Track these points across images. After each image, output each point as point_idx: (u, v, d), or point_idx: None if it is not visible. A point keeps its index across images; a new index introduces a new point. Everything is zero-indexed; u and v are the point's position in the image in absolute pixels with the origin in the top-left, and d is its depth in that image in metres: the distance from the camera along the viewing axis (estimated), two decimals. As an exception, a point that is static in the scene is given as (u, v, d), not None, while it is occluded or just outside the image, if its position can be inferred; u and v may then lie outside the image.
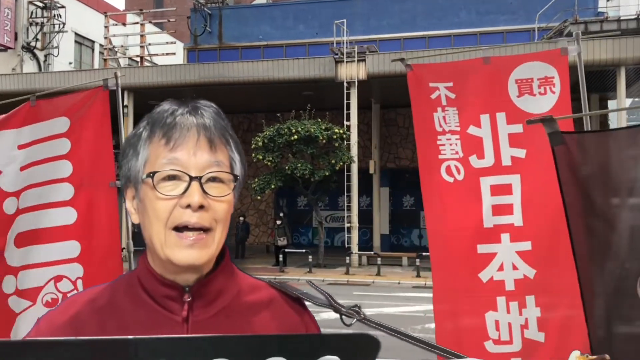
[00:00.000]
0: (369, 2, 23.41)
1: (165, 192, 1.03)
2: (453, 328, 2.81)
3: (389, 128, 22.15)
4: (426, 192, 2.92)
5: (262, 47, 23.45)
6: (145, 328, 1.04)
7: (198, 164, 1.03)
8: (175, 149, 1.03)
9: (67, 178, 3.24)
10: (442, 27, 22.34)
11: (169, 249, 1.03)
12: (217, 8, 23.64)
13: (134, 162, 1.08)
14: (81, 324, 1.05)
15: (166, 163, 1.03)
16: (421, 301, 12.21)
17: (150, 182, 1.04)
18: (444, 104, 2.87)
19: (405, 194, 23.98)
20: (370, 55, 17.81)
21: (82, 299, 1.11)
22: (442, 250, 2.86)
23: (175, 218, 1.03)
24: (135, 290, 1.09)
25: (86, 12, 27.00)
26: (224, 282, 1.11)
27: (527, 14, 21.31)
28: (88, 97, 3.33)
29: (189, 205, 1.02)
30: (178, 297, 1.06)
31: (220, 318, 1.08)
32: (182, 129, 1.04)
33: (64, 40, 25.44)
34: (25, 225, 3.23)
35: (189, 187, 1.02)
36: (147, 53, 24.04)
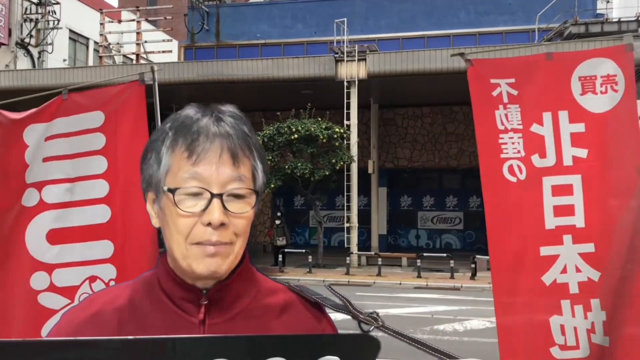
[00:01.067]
0: (368, 1, 23.35)
1: (186, 209, 1.02)
2: (517, 334, 2.71)
3: (387, 128, 22.10)
4: (487, 193, 2.81)
5: (259, 46, 23.31)
6: (162, 329, 1.05)
7: (220, 180, 1.02)
8: (198, 163, 1.02)
9: (101, 174, 3.11)
10: (442, 27, 22.31)
11: (190, 259, 1.04)
12: (215, 6, 23.48)
13: (155, 168, 1.06)
14: (101, 323, 1.06)
15: (188, 178, 1.02)
16: (425, 302, 12.13)
17: (171, 197, 1.03)
18: (505, 101, 2.78)
19: (402, 194, 23.95)
20: (370, 55, 17.72)
21: (103, 297, 1.12)
22: (503, 252, 2.76)
23: (196, 236, 1.03)
24: (154, 291, 1.10)
25: (81, 9, 26.73)
26: (242, 285, 1.11)
27: (526, 14, 21.32)
28: (123, 91, 3.21)
29: (210, 223, 1.01)
30: (195, 299, 1.07)
31: (237, 321, 1.08)
32: (205, 142, 1.02)
33: (58, 36, 25.18)
34: (59, 222, 3.10)
35: (209, 205, 1.01)
36: (142, 51, 23.83)
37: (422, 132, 22.10)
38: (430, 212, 23.85)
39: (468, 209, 23.47)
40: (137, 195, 3.14)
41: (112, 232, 3.09)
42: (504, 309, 2.78)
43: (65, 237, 3.10)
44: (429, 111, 21.87)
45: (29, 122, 3.26)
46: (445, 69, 16.91)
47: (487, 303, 12.09)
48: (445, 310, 10.99)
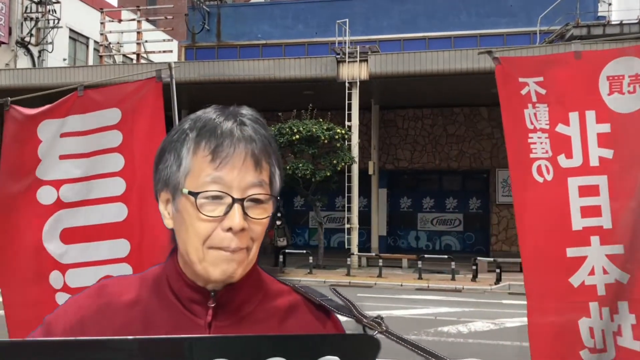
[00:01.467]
0: (369, 2, 23.32)
1: (207, 213, 1.01)
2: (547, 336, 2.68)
3: (388, 129, 22.08)
4: (517, 193, 2.79)
5: (260, 46, 23.27)
6: (168, 329, 1.04)
7: (241, 185, 1.02)
8: (221, 168, 1.01)
9: (118, 172, 3.07)
10: (443, 29, 22.31)
11: (206, 264, 1.03)
12: (216, 6, 23.43)
13: (174, 169, 1.05)
14: (108, 316, 1.06)
15: (209, 182, 1.01)
16: (428, 303, 12.10)
17: (192, 200, 1.01)
18: (534, 100, 2.75)
19: (402, 195, 23.92)
20: (372, 56, 17.70)
21: (113, 288, 1.11)
22: (533, 253, 2.74)
23: (215, 241, 1.02)
24: (162, 289, 1.09)
25: (81, 8, 26.65)
26: (250, 288, 1.10)
27: (528, 16, 21.33)
28: (140, 88, 3.17)
29: (231, 228, 1.01)
30: (203, 301, 1.07)
31: (243, 325, 1.08)
32: (229, 147, 1.01)
33: (58, 36, 25.10)
34: (73, 221, 3.07)
35: (230, 210, 1.01)
36: (143, 50, 23.77)
37: (422, 134, 22.08)
38: (430, 213, 23.83)
39: (468, 211, 23.46)
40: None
41: (129, 231, 3.05)
42: (535, 310, 2.77)
43: (79, 236, 3.06)
44: (430, 112, 21.86)
45: (43, 118, 3.23)
46: (447, 71, 16.90)
47: (490, 305, 12.08)
48: (448, 312, 10.96)
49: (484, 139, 21.49)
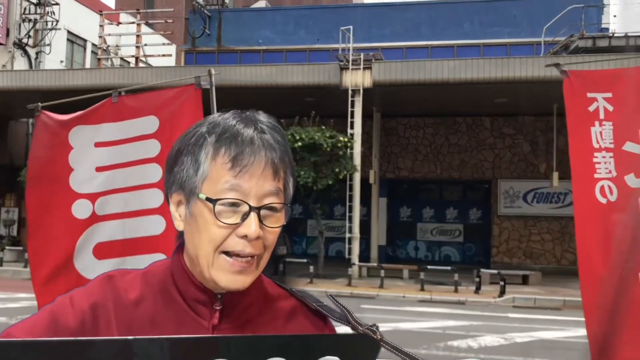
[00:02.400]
0: (371, 9, 23.22)
1: (224, 220, 1.01)
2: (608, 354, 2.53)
3: (389, 137, 21.92)
4: (579, 213, 2.62)
5: (261, 52, 23.08)
6: (173, 327, 1.04)
7: (259, 193, 1.02)
8: (241, 176, 1.01)
9: (156, 183, 2.86)
10: (446, 38, 22.21)
11: (216, 271, 1.02)
12: (217, 10, 23.22)
13: (191, 173, 1.04)
14: (115, 309, 1.05)
15: (228, 189, 1.01)
16: (434, 316, 11.90)
17: (210, 207, 1.01)
18: (601, 117, 2.59)
19: (402, 204, 23.74)
20: (376, 63, 17.55)
21: (118, 280, 1.10)
22: (593, 272, 2.59)
23: (229, 245, 1.02)
24: (167, 287, 1.09)
25: (79, 11, 26.39)
26: (254, 293, 1.10)
27: (531, 27, 21.27)
28: (178, 95, 2.97)
29: (246, 235, 1.01)
30: (209, 303, 1.06)
31: (246, 328, 1.08)
32: (250, 155, 1.01)
33: (55, 37, 24.82)
34: (107, 235, 2.85)
35: (247, 217, 1.01)
36: (142, 54, 23.53)
37: (424, 143, 21.94)
38: (430, 223, 23.67)
39: (468, 222, 23.31)
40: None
41: (167, 244, 2.83)
42: (597, 338, 2.61)
43: (114, 251, 2.85)
44: (432, 121, 21.73)
45: (75, 124, 3.05)
46: (452, 80, 16.78)
47: (496, 318, 11.89)
48: (456, 325, 10.76)
49: (486, 149, 21.37)
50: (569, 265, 20.45)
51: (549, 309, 13.61)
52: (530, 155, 21.00)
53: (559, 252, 20.69)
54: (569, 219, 20.59)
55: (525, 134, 20.96)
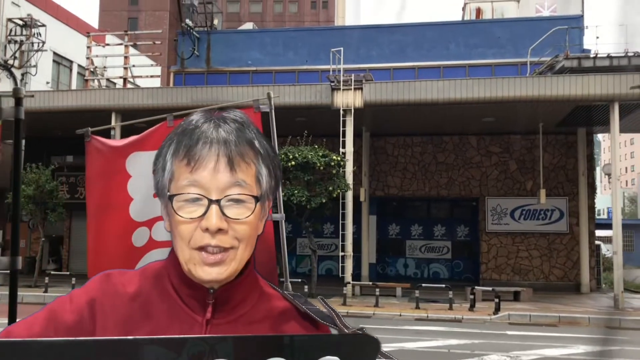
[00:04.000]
0: (359, 31, 23.55)
1: (185, 215, 1.04)
2: None
3: (378, 156, 22.13)
4: None
5: (250, 73, 23.23)
6: (168, 323, 1.06)
7: (218, 186, 1.03)
8: (196, 170, 1.03)
9: None
10: (432, 59, 22.60)
11: (192, 265, 1.05)
12: (206, 32, 23.34)
13: (161, 174, 1.09)
14: (112, 305, 1.07)
15: (187, 185, 1.04)
16: (435, 335, 11.98)
17: (170, 203, 1.05)
18: None
19: (391, 222, 23.90)
20: (367, 84, 17.79)
21: (116, 278, 1.12)
22: None
23: (197, 240, 1.04)
24: (163, 283, 1.11)
25: (65, 32, 26.32)
26: (246, 289, 1.13)
27: (515, 48, 21.77)
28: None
29: (207, 228, 1.03)
30: (202, 298, 1.08)
31: (239, 323, 1.09)
32: (202, 149, 1.03)
33: (41, 59, 24.71)
34: None
35: (207, 211, 1.03)
36: (130, 75, 23.52)
37: (412, 161, 22.19)
38: (418, 240, 23.84)
39: (456, 239, 23.53)
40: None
41: None
42: None
43: None
44: (420, 140, 22.01)
45: (131, 150, 3.06)
46: (441, 100, 17.07)
47: (496, 336, 12.01)
48: (459, 344, 10.85)
49: (473, 167, 21.69)
50: (557, 281, 20.75)
51: (545, 326, 13.78)
52: (517, 172, 21.36)
53: (546, 268, 20.98)
54: (556, 235, 20.96)
55: (512, 152, 21.33)
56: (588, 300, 18.26)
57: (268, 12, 55.51)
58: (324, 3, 55.70)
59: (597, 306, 16.65)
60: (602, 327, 13.69)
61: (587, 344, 11.37)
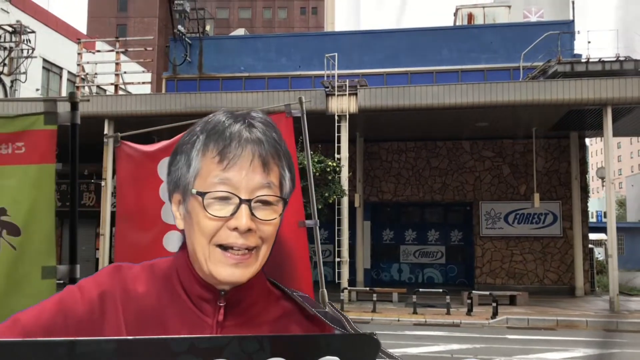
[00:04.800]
0: (352, 37, 23.59)
1: (214, 213, 1.02)
2: None
3: (372, 162, 22.13)
4: None
5: (243, 79, 23.18)
6: (178, 324, 1.05)
7: (249, 186, 1.03)
8: (229, 169, 1.02)
9: None
10: (424, 64, 22.68)
11: (213, 264, 1.03)
12: (198, 38, 23.27)
13: (184, 171, 1.07)
14: (123, 301, 1.05)
15: (217, 183, 1.02)
16: (435, 340, 11.96)
17: (199, 199, 1.03)
18: None
19: (385, 228, 23.89)
20: (361, 89, 17.79)
21: (126, 272, 1.10)
22: None
23: (221, 238, 1.03)
24: (172, 284, 1.09)
25: (55, 38, 26.12)
26: (258, 289, 1.12)
27: (507, 53, 21.91)
28: (270, 125, 3.00)
29: (237, 228, 1.01)
30: (213, 300, 1.07)
31: (250, 326, 1.08)
32: (237, 148, 1.03)
33: (31, 66, 24.49)
34: None
35: (237, 210, 1.02)
36: (121, 81, 23.37)
37: (406, 167, 22.22)
38: (412, 246, 23.85)
39: (450, 243, 23.57)
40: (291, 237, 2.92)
41: None
42: None
43: None
44: (413, 145, 22.05)
45: (162, 155, 3.03)
46: (436, 105, 17.10)
47: (497, 340, 12.01)
48: (461, 348, 10.84)
49: (466, 172, 21.75)
50: (552, 284, 20.83)
51: (543, 329, 13.81)
52: (510, 177, 21.45)
53: (541, 272, 21.06)
54: (550, 238, 21.05)
55: (505, 156, 21.43)
56: (583, 303, 18.34)
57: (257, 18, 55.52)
58: (313, 9, 55.82)
59: (593, 309, 16.73)
60: (600, 330, 13.74)
61: (588, 347, 11.41)
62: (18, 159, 2.62)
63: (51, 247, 2.56)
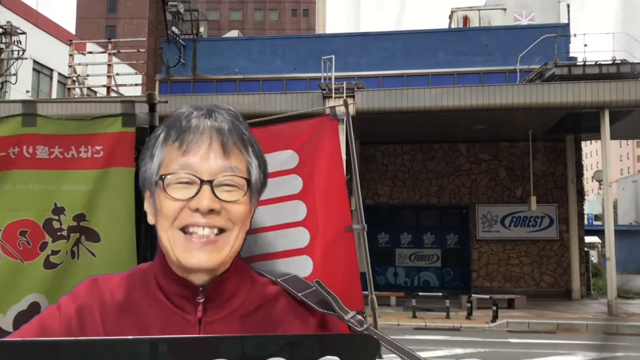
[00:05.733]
0: (347, 39, 23.47)
1: (175, 195, 1.02)
2: None
3: (368, 164, 22.02)
4: None
5: (238, 81, 22.97)
6: (159, 326, 1.04)
7: (211, 168, 1.03)
8: (188, 153, 1.03)
9: (301, 222, 2.72)
10: (420, 67, 22.60)
11: (179, 250, 1.02)
12: (192, 40, 23.05)
13: (149, 165, 1.08)
14: (101, 312, 1.05)
15: (179, 168, 1.03)
16: (438, 344, 11.83)
17: (161, 184, 1.03)
18: None
19: (380, 231, 23.77)
20: (359, 92, 17.68)
21: (103, 284, 1.10)
22: None
23: (183, 219, 1.02)
24: (150, 286, 1.09)
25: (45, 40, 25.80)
26: (237, 281, 1.10)
27: (503, 56, 21.89)
28: (315, 127, 2.86)
29: (198, 209, 1.01)
30: (192, 296, 1.06)
31: (232, 319, 1.07)
32: (195, 133, 1.04)
33: (21, 67, 24.14)
34: None
35: (199, 191, 1.02)
36: (114, 83, 23.10)
37: (402, 169, 22.12)
38: (408, 249, 23.73)
39: (445, 247, 23.48)
40: (338, 243, 2.75)
41: None
42: None
43: None
44: (409, 148, 21.96)
45: None
46: (434, 107, 17.01)
47: (500, 344, 11.90)
48: (466, 353, 10.72)
49: (462, 174, 21.69)
50: (548, 287, 20.80)
51: (544, 333, 13.73)
52: (506, 180, 21.41)
53: (537, 275, 21.03)
54: (546, 241, 21.02)
55: (501, 159, 21.39)
56: (581, 306, 18.32)
57: (248, 20, 55.32)
58: (304, 11, 55.72)
59: (592, 312, 16.69)
60: (601, 334, 13.69)
61: (592, 350, 11.34)
62: (97, 162, 2.47)
63: (132, 254, 2.41)
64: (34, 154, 2.42)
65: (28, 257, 2.34)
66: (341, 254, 2.76)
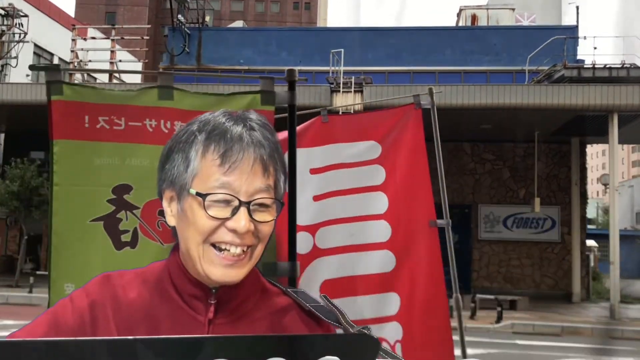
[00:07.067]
0: (354, 34, 23.29)
1: (213, 214, 1.02)
2: None
3: (371, 161, 21.88)
4: None
5: (242, 71, 22.72)
6: (169, 324, 1.05)
7: (249, 189, 1.03)
8: (230, 173, 1.02)
9: (383, 215, 2.58)
10: (427, 64, 22.46)
11: (207, 264, 1.03)
12: (197, 29, 22.76)
13: (182, 169, 1.05)
14: (114, 308, 1.05)
15: (218, 186, 1.02)
16: (446, 344, 11.71)
17: (199, 200, 1.02)
18: None
19: (381, 228, 23.67)
20: (367, 87, 17.52)
21: (116, 280, 1.10)
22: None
23: (218, 236, 1.02)
24: (164, 285, 1.09)
25: (47, 23, 25.43)
26: (250, 286, 1.11)
27: (510, 56, 21.78)
28: (398, 116, 2.71)
29: (235, 230, 1.01)
30: (204, 297, 1.07)
31: (241, 323, 1.08)
32: (239, 152, 1.02)
33: (22, 51, 23.75)
34: (334, 272, 2.53)
35: (237, 212, 1.02)
36: (117, 70, 22.79)
37: (405, 167, 21.99)
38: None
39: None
40: (421, 238, 2.58)
41: (398, 283, 2.53)
42: None
43: (342, 289, 2.53)
44: (413, 146, 21.81)
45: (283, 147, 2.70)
46: (442, 105, 16.64)
47: (511, 346, 11.80)
48: (475, 353, 10.60)
49: (466, 174, 21.58)
50: (548, 290, 20.76)
51: (549, 335, 13.67)
52: (510, 180, 21.33)
53: (538, 277, 20.99)
54: (548, 244, 20.97)
55: (505, 160, 21.30)
56: (582, 309, 18.29)
57: (249, 11, 54.96)
58: (306, 4, 55.41)
59: (594, 316, 16.66)
60: (606, 338, 13.64)
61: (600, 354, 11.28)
62: None
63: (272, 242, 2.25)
64: (172, 129, 2.26)
65: (168, 239, 2.21)
66: (425, 250, 2.61)
